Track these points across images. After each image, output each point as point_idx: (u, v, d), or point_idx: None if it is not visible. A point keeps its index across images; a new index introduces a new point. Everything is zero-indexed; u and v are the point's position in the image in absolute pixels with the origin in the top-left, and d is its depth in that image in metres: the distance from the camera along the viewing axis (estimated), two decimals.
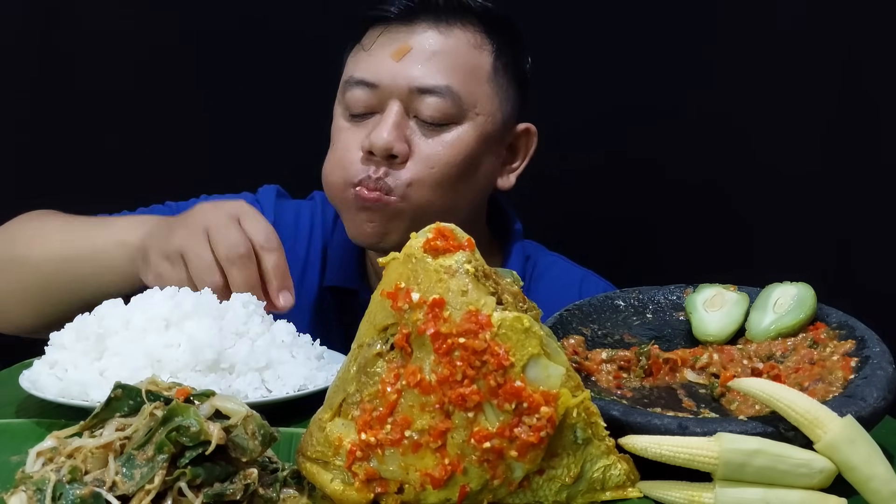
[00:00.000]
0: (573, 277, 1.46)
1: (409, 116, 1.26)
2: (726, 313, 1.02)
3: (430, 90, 1.24)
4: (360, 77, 1.27)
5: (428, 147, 1.25)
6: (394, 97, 1.25)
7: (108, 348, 0.99)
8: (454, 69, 1.26)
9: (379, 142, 1.22)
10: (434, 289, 0.75)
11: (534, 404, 0.72)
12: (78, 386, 0.95)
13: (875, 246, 1.73)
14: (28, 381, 0.99)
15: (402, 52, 1.25)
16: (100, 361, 0.98)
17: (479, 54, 1.29)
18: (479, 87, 1.28)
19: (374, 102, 1.27)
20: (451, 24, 1.28)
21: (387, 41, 1.27)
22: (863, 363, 0.88)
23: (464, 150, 1.27)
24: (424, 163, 1.25)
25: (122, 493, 0.69)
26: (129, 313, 1.03)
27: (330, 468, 0.76)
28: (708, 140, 1.77)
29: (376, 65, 1.26)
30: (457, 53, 1.27)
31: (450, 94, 1.25)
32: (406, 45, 1.25)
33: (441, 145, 1.26)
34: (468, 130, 1.27)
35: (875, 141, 1.73)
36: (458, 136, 1.26)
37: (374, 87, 1.26)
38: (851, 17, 1.70)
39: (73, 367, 0.98)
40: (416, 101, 1.25)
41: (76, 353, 0.99)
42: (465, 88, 1.26)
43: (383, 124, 1.24)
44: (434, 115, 1.25)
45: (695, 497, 0.75)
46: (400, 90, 1.25)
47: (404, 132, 1.25)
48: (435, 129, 1.26)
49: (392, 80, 1.25)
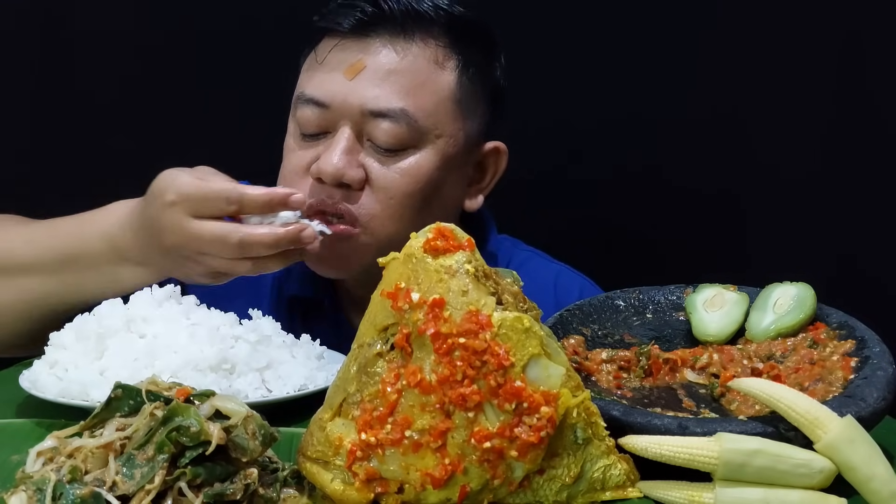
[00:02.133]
0: (548, 273, 1.39)
1: (362, 140, 1.17)
2: (726, 313, 1.02)
3: (384, 114, 1.15)
4: (310, 95, 1.18)
5: (384, 175, 1.16)
6: (345, 119, 1.16)
7: (108, 348, 0.99)
8: (411, 90, 1.17)
9: (328, 168, 1.14)
10: (434, 289, 0.75)
11: (534, 404, 0.72)
12: (78, 386, 0.95)
13: (875, 246, 1.73)
14: (28, 381, 0.99)
15: (356, 70, 1.16)
16: (100, 361, 0.98)
17: (440, 72, 1.19)
18: (440, 107, 1.19)
19: (326, 123, 1.18)
20: (410, 38, 1.18)
21: (340, 56, 1.17)
22: (863, 363, 0.88)
23: (423, 178, 1.18)
24: (382, 192, 1.16)
25: (122, 493, 0.69)
26: (129, 313, 1.03)
27: (330, 468, 0.76)
28: (708, 140, 1.77)
29: (328, 82, 1.17)
30: (415, 72, 1.17)
31: (405, 117, 1.16)
32: (359, 63, 1.16)
33: (398, 173, 1.17)
34: (427, 156, 1.18)
35: (875, 141, 1.73)
36: (417, 163, 1.17)
37: (325, 108, 1.17)
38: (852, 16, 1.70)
39: (73, 367, 0.98)
40: (370, 125, 1.16)
41: (76, 353, 0.99)
42: (423, 111, 1.17)
43: (333, 149, 1.15)
44: (388, 141, 1.16)
45: (695, 497, 0.75)
46: (352, 112, 1.16)
47: (357, 157, 1.16)
48: (390, 154, 1.17)
49: (343, 101, 1.16)
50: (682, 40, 1.73)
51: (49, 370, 0.99)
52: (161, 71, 1.77)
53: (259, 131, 1.72)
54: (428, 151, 1.18)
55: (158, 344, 0.99)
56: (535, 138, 1.76)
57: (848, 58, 1.72)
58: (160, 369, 0.96)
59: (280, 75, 1.38)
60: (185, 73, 1.78)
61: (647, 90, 1.75)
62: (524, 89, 1.69)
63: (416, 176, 1.18)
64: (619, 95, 1.76)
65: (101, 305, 1.06)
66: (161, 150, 1.74)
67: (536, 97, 1.74)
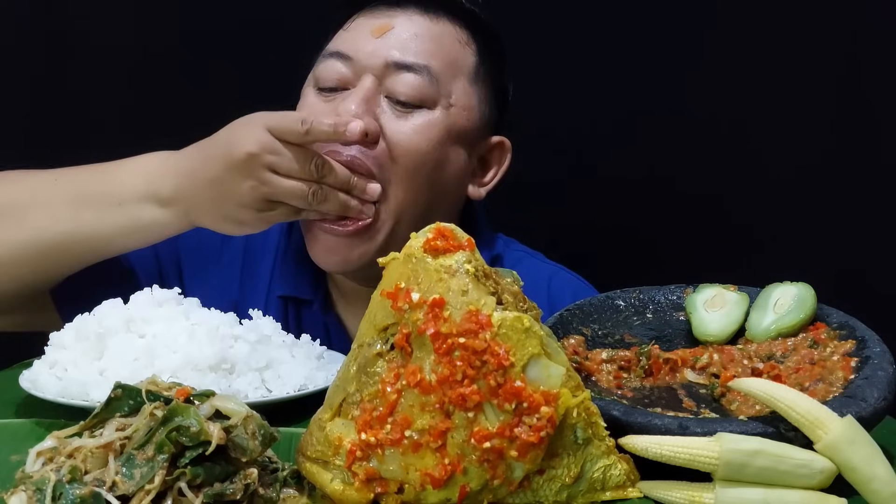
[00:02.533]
0: (542, 274, 1.40)
1: (379, 96, 1.19)
2: (726, 313, 1.02)
3: (408, 66, 1.18)
4: (334, 49, 1.21)
5: (398, 130, 1.18)
6: (368, 72, 1.18)
7: (107, 348, 0.99)
8: (436, 54, 1.21)
9: (346, 114, 1.15)
10: (434, 289, 0.75)
11: (534, 404, 0.72)
12: (78, 386, 0.95)
13: (875, 246, 1.73)
14: (28, 381, 0.99)
15: (384, 29, 1.19)
16: (99, 361, 0.98)
17: (462, 50, 1.24)
18: (459, 79, 1.23)
19: (347, 76, 1.20)
20: (438, 17, 1.23)
21: (367, 18, 1.22)
22: (863, 363, 0.88)
23: (434, 138, 1.19)
24: (396, 147, 1.17)
25: (122, 493, 0.69)
26: (129, 313, 1.03)
27: (330, 468, 0.76)
28: (708, 141, 1.77)
29: (353, 39, 1.21)
30: (441, 41, 1.22)
31: (427, 73, 1.19)
32: (387, 24, 1.20)
33: (412, 129, 1.18)
34: (439, 118, 1.20)
35: (875, 141, 1.73)
36: (429, 122, 1.19)
37: (349, 60, 1.19)
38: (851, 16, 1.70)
39: (72, 367, 0.98)
40: (391, 78, 1.18)
41: (76, 353, 0.99)
42: (444, 74, 1.20)
43: (352, 96, 1.17)
44: (408, 93, 1.18)
45: (695, 497, 0.75)
46: (376, 65, 1.18)
47: (374, 109, 1.18)
48: (406, 110, 1.18)
49: (368, 54, 1.19)
50: (685, 41, 1.74)
51: (49, 370, 0.99)
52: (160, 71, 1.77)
53: None
54: (440, 114, 1.21)
55: (158, 344, 0.99)
56: (536, 138, 1.76)
57: (849, 59, 1.73)
58: (160, 369, 0.95)
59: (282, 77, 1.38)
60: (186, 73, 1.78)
61: (646, 90, 1.76)
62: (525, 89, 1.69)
63: (427, 135, 1.20)
64: (619, 95, 1.76)
65: (102, 305, 1.06)
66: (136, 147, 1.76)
67: (537, 97, 1.74)
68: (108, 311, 1.04)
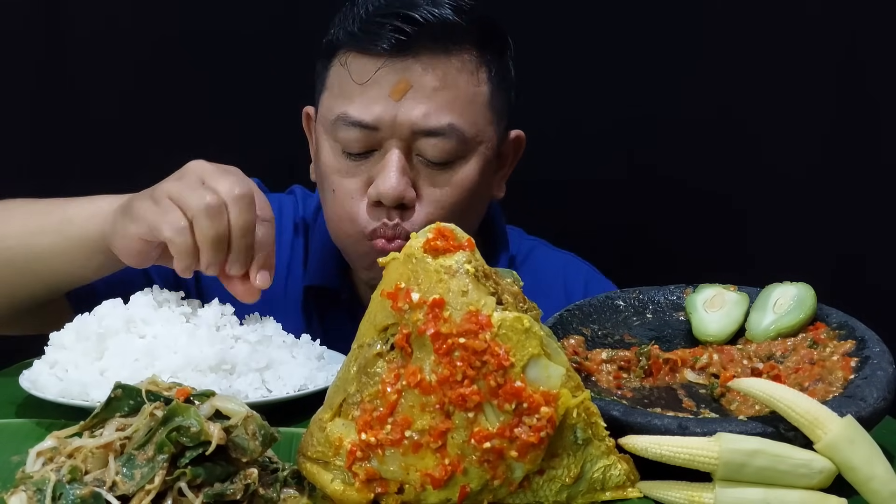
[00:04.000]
0: (556, 263, 1.40)
1: (410, 157, 1.19)
2: (726, 313, 1.02)
3: (434, 132, 1.18)
4: (356, 118, 1.18)
5: (436, 190, 1.20)
6: (394, 138, 1.18)
7: (108, 348, 0.99)
8: (455, 104, 1.19)
9: (388, 192, 1.16)
10: (434, 289, 0.75)
11: (534, 404, 0.72)
12: (78, 386, 0.95)
13: (875, 246, 1.73)
14: (28, 381, 0.99)
15: (402, 91, 1.16)
16: (100, 361, 0.98)
17: (476, 81, 1.22)
18: (480, 116, 1.22)
19: (372, 142, 1.19)
20: (448, 52, 1.19)
21: (382, 76, 1.17)
22: (863, 363, 0.88)
23: (470, 186, 1.22)
24: (435, 205, 1.20)
25: (122, 493, 0.69)
26: (129, 313, 1.03)
27: (330, 468, 0.76)
28: (708, 140, 1.77)
29: (372, 104, 1.18)
30: (456, 86, 1.19)
31: (454, 132, 1.18)
32: (405, 83, 1.17)
33: (449, 186, 1.21)
34: (473, 165, 1.22)
35: (875, 141, 1.73)
36: (465, 174, 1.21)
37: (374, 129, 1.18)
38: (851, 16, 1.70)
39: (73, 367, 0.98)
40: (420, 143, 1.18)
41: (76, 353, 0.99)
42: (468, 123, 1.20)
43: (389, 172, 1.17)
44: (439, 156, 1.19)
45: (695, 497, 0.75)
46: (402, 132, 1.17)
47: (409, 176, 1.19)
48: (441, 169, 1.20)
49: (392, 123, 1.17)
50: (686, 41, 1.74)
51: (49, 370, 0.99)
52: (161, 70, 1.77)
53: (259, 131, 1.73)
54: (473, 161, 1.22)
55: (158, 344, 0.99)
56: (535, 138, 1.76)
57: (849, 58, 1.73)
58: (160, 369, 0.95)
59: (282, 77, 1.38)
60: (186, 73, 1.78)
61: (646, 90, 1.76)
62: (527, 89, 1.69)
63: (464, 186, 1.21)
64: (619, 95, 1.76)
65: (102, 305, 1.05)
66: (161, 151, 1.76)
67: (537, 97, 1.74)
68: (108, 311, 1.04)
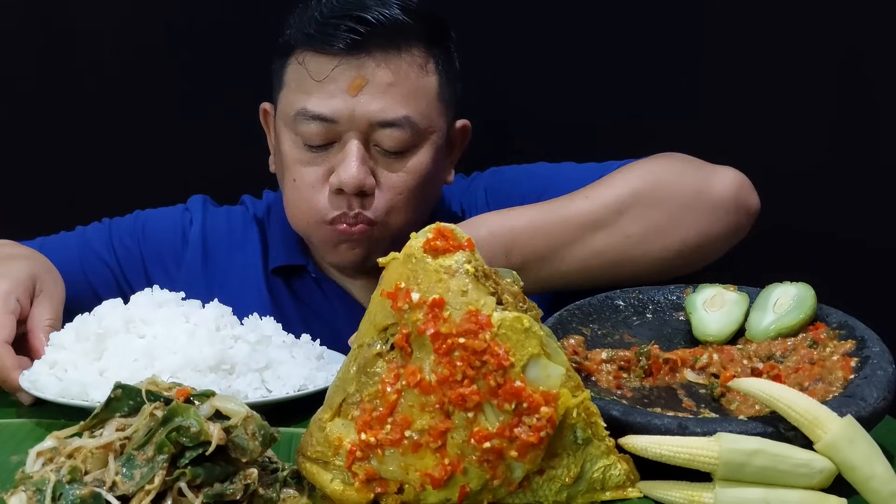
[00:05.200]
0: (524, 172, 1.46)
1: (369, 147, 1.27)
2: (726, 313, 1.02)
3: (390, 123, 1.25)
4: (316, 112, 1.25)
5: (393, 177, 1.28)
6: (352, 130, 1.25)
7: (107, 348, 0.99)
8: (408, 97, 1.27)
9: (351, 180, 1.24)
10: (434, 289, 0.75)
11: (534, 404, 0.72)
12: (77, 386, 0.95)
13: (875, 246, 1.73)
14: (28, 381, 0.99)
15: (358, 86, 1.24)
16: (99, 362, 0.98)
17: (426, 76, 1.30)
18: (431, 108, 1.30)
19: (332, 135, 1.26)
20: (399, 48, 1.27)
21: (339, 73, 1.25)
22: (863, 363, 0.88)
23: (424, 172, 1.30)
24: (392, 191, 1.28)
25: (122, 493, 0.69)
26: (129, 314, 1.03)
27: (330, 468, 0.76)
28: (707, 139, 1.76)
29: (330, 99, 1.25)
30: (409, 80, 1.27)
31: (408, 123, 1.26)
32: (360, 79, 1.25)
33: (405, 172, 1.28)
34: (426, 153, 1.30)
35: (876, 139, 1.73)
36: (419, 161, 1.29)
37: (332, 122, 1.25)
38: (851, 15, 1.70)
39: (72, 367, 0.98)
40: (377, 134, 1.26)
41: (76, 354, 0.99)
42: (420, 114, 1.28)
43: (350, 161, 1.24)
44: (395, 146, 1.26)
45: (695, 497, 0.75)
46: (359, 124, 1.25)
47: (368, 165, 1.26)
48: (397, 157, 1.28)
49: (351, 116, 1.25)
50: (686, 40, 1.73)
51: (49, 370, 0.99)
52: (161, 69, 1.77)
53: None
54: (426, 149, 1.30)
55: (158, 344, 0.99)
56: (535, 138, 1.76)
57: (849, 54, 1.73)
58: (160, 370, 0.96)
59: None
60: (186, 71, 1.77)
61: (646, 89, 1.75)
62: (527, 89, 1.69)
63: (419, 172, 1.29)
64: (620, 95, 1.76)
65: (102, 305, 1.06)
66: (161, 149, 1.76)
67: (537, 96, 1.74)
68: (107, 311, 1.04)
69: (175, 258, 1.44)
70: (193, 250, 1.44)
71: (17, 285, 1.11)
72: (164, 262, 1.44)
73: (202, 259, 1.43)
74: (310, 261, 1.42)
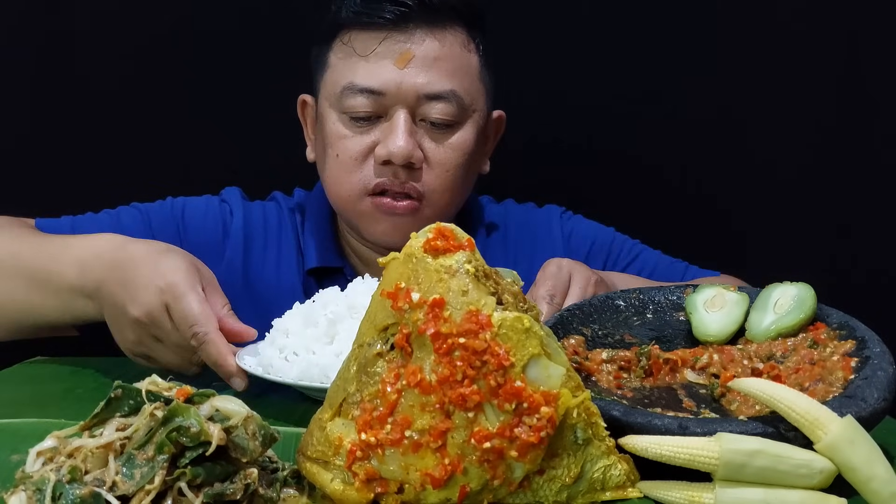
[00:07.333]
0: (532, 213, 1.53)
1: (415, 121, 1.29)
2: (726, 313, 1.02)
3: (438, 95, 1.28)
4: (364, 85, 1.28)
5: (440, 152, 1.30)
6: (399, 103, 1.28)
7: (338, 333, 1.03)
8: (454, 72, 1.30)
9: (399, 151, 1.26)
10: (434, 289, 0.75)
11: (534, 404, 0.72)
12: (317, 369, 0.99)
13: (875, 246, 1.73)
14: (260, 366, 1.01)
15: (406, 59, 1.27)
16: (331, 346, 1.02)
17: (469, 55, 1.33)
18: (474, 86, 1.33)
19: (378, 108, 1.29)
20: (444, 26, 1.30)
21: (386, 48, 1.28)
22: (863, 363, 0.88)
23: (468, 150, 1.32)
24: (441, 167, 1.31)
25: (122, 493, 0.69)
26: (350, 300, 1.06)
27: (330, 468, 0.76)
28: (707, 139, 1.77)
29: (378, 72, 1.28)
30: (454, 56, 1.30)
31: (454, 97, 1.29)
32: (409, 52, 1.27)
33: (451, 149, 1.31)
34: (469, 130, 1.32)
35: (874, 140, 1.73)
36: (463, 138, 1.31)
37: (380, 95, 1.28)
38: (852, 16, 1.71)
39: (304, 352, 1.01)
40: (424, 107, 1.28)
41: (307, 339, 1.03)
42: (465, 90, 1.31)
43: (398, 133, 1.27)
44: (442, 119, 1.29)
45: (695, 497, 0.75)
46: (407, 97, 1.27)
47: (415, 137, 1.29)
48: (443, 131, 1.30)
49: (398, 88, 1.27)
50: (686, 40, 1.73)
51: (279, 354, 1.02)
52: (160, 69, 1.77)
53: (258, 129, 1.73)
54: (469, 126, 1.33)
55: None
56: (535, 138, 1.76)
57: (849, 58, 1.73)
58: None
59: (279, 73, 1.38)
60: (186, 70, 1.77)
61: (646, 89, 1.76)
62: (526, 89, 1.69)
63: (463, 149, 1.32)
64: (619, 94, 1.76)
65: (322, 293, 1.09)
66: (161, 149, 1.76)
67: (537, 96, 1.74)
68: (330, 298, 1.08)
69: (217, 250, 1.41)
70: (234, 243, 1.42)
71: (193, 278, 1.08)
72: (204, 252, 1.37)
73: (243, 252, 1.42)
74: (346, 263, 1.43)
